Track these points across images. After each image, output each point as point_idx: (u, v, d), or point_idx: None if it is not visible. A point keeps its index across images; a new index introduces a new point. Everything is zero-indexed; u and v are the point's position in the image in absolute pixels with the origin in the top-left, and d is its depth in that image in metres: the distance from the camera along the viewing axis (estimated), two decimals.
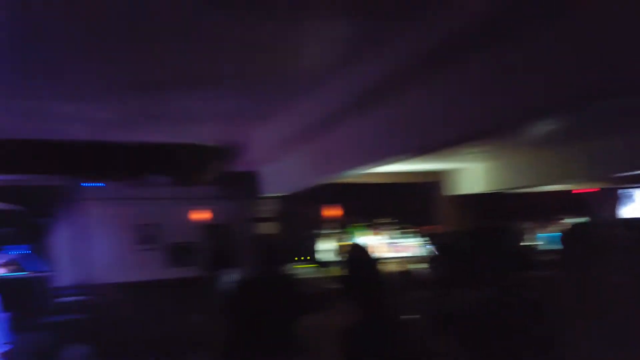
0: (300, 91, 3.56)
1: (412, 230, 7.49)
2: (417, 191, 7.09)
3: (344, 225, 6.80)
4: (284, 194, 5.70)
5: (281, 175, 5.37)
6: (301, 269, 5.85)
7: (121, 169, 5.02)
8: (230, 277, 6.87)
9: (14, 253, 6.83)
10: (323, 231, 6.80)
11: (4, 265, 6.75)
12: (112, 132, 4.49)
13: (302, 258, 6.08)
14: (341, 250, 4.54)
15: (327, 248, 6.56)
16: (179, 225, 8.58)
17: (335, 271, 6.21)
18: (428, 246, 5.07)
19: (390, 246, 7.29)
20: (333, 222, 6.89)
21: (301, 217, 6.61)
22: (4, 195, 6.27)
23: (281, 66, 3.07)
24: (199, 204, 8.47)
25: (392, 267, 6.13)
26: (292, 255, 5.96)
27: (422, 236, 7.14)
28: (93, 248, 8.16)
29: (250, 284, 3.35)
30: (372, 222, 7.30)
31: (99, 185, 7.63)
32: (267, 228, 5.82)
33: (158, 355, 7.27)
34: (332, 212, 6.89)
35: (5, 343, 6.73)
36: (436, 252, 3.23)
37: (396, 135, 3.31)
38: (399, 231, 7.43)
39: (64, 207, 7.40)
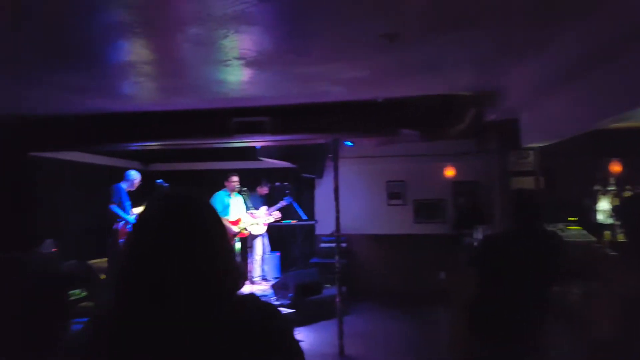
0: (569, 19, 2.95)
1: None
2: None
3: (623, 182, 5.67)
4: (546, 144, 5.03)
5: (543, 123, 4.73)
6: (568, 231, 5.12)
7: (376, 126, 5.13)
8: (479, 235, 6.59)
9: (285, 203, 7.82)
10: (596, 188, 5.81)
11: (277, 213, 7.82)
12: (365, 90, 4.58)
13: (570, 218, 5.31)
14: (623, 204, 3.74)
15: (602, 208, 5.59)
16: (426, 182, 8.61)
17: (610, 235, 5.35)
18: None
19: None
20: (610, 178, 5.82)
21: (567, 171, 5.78)
22: (281, 154, 7.19)
23: None
24: (449, 160, 8.30)
25: None
26: (555, 215, 5.27)
27: None
28: (348, 202, 8.84)
29: (502, 240, 3.04)
30: None
31: (352, 145, 8.18)
32: (526, 183, 5.25)
33: (402, 299, 7.59)
34: (610, 165, 5.81)
35: (273, 277, 7.94)
36: None
37: None
38: None
39: (326, 164, 8.17)
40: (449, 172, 8.40)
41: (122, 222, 6.07)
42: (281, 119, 5.05)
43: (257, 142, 5.40)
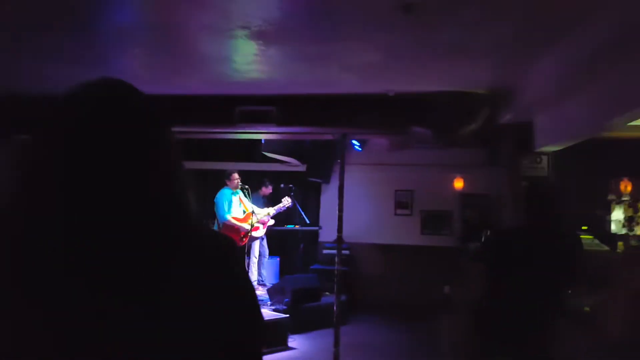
0: (599, 6, 2.78)
1: None
2: None
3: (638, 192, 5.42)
4: (561, 148, 4.81)
5: (559, 125, 4.52)
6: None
7: (385, 122, 4.96)
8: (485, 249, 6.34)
9: (288, 205, 7.62)
10: (610, 198, 5.56)
11: (278, 215, 7.63)
12: (376, 81, 4.42)
13: (582, 227, 5.06)
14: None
15: (616, 218, 5.33)
16: (435, 193, 8.39)
17: (623, 245, 5.08)
18: None
19: None
20: (626, 188, 5.57)
21: (580, 180, 5.53)
22: (286, 150, 7.03)
23: None
24: (459, 171, 8.10)
25: None
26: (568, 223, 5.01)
27: None
28: (355, 209, 8.62)
29: (513, 235, 2.81)
30: None
31: (360, 150, 8.02)
32: (538, 191, 5.00)
33: (405, 311, 7.29)
34: (622, 183, 5.56)
35: (271, 282, 7.69)
36: None
37: None
38: None
39: (332, 168, 8.01)
40: (458, 183, 8.19)
41: None
42: (287, 110, 4.89)
43: (261, 132, 5.23)
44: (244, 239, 6.94)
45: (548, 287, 2.65)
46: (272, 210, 7.60)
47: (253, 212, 7.02)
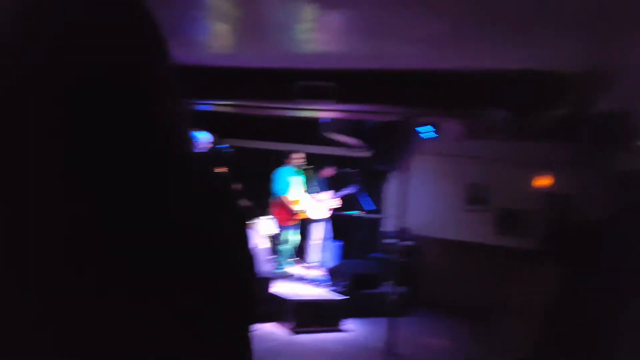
0: None
1: None
2: None
3: None
4: None
5: None
6: None
7: (455, 101, 4.50)
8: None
9: (352, 191, 7.41)
10: None
11: (342, 200, 7.39)
12: (444, 55, 3.99)
13: None
14: None
15: None
16: (513, 190, 7.72)
17: None
18: None
19: None
20: None
21: None
22: (347, 130, 6.77)
23: None
24: (541, 166, 7.37)
25: None
26: None
27: None
28: (421, 200, 8.20)
29: (598, 226, 2.42)
30: None
31: (433, 137, 7.54)
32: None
33: (468, 312, 6.80)
34: None
35: (331, 265, 7.51)
36: None
37: None
38: None
39: (400, 156, 7.63)
40: (541, 181, 7.45)
41: None
42: (348, 86, 4.59)
43: (321, 109, 4.97)
44: (293, 219, 6.81)
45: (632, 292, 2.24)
46: (334, 194, 7.39)
47: (309, 194, 6.87)
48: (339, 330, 5.27)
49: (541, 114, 4.25)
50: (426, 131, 7.31)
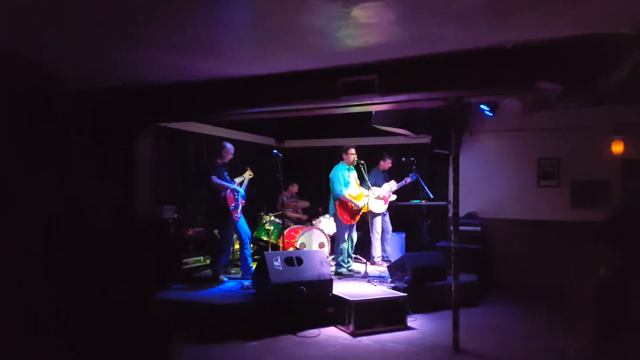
0: None
1: None
2: None
3: None
4: None
5: None
6: None
7: (504, 80, 4.25)
8: None
9: (411, 180, 7.27)
10: None
11: (403, 191, 7.25)
12: (487, 31, 3.77)
13: None
14: None
15: None
16: (587, 160, 7.21)
17: None
18: None
19: None
20: None
21: None
22: (397, 119, 6.63)
23: None
24: (615, 131, 6.83)
25: None
26: None
27: None
28: (488, 182, 7.88)
29: None
30: None
31: (492, 115, 7.20)
32: None
33: (547, 295, 6.43)
34: None
35: (396, 258, 7.35)
36: None
37: None
38: None
39: (459, 138, 7.37)
40: (617, 147, 6.90)
41: (227, 190, 6.15)
42: (390, 77, 4.49)
43: (366, 104, 4.89)
44: (356, 217, 6.73)
45: None
46: (393, 186, 7.27)
47: (369, 188, 6.78)
48: (407, 328, 5.10)
49: (595, 81, 3.92)
50: (486, 109, 7.01)
